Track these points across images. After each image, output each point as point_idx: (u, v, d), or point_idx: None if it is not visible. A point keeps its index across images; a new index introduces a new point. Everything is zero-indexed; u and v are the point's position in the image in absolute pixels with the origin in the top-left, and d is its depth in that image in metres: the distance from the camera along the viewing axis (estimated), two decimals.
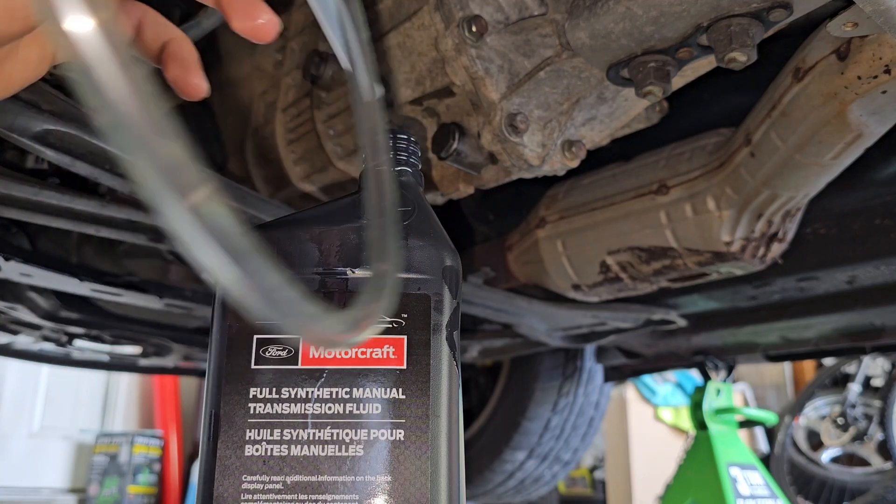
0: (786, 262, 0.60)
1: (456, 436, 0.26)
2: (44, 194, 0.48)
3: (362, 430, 0.25)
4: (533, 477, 1.24)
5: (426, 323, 0.27)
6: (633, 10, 0.37)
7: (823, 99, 0.44)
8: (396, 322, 0.26)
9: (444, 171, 0.51)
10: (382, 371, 0.26)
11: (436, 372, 0.26)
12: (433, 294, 0.27)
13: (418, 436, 0.25)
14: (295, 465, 0.24)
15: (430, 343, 0.26)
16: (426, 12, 0.43)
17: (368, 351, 0.26)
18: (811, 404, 2.51)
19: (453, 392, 0.26)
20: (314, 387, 0.25)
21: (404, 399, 0.25)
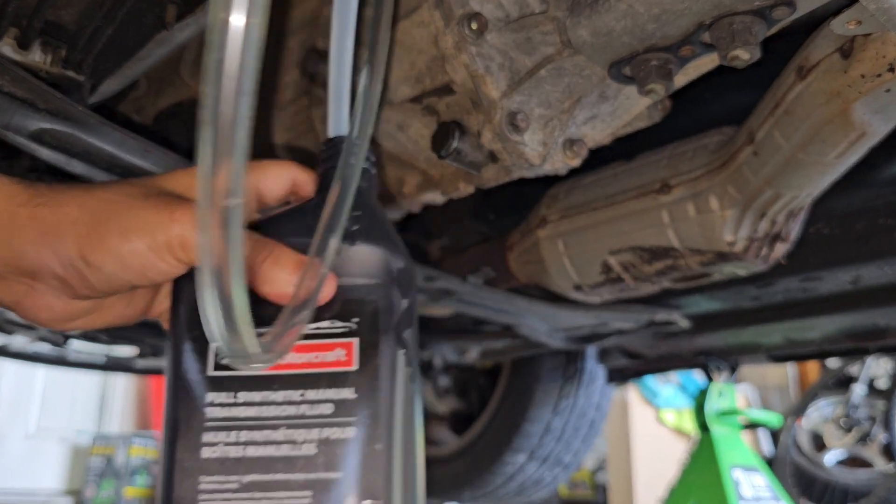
0: (789, 262, 0.60)
1: (410, 432, 0.27)
2: None
3: (314, 430, 0.26)
4: (533, 479, 1.24)
5: (375, 325, 0.28)
6: (635, 7, 0.37)
7: (827, 97, 0.43)
8: (347, 326, 0.28)
9: (444, 170, 0.50)
10: (334, 373, 0.27)
11: (385, 372, 0.27)
12: (382, 297, 0.28)
13: (369, 433, 0.26)
14: (250, 466, 0.26)
15: (379, 345, 0.27)
16: (426, 9, 0.43)
17: (320, 355, 0.27)
18: (814, 406, 2.50)
19: (405, 390, 0.27)
20: (268, 391, 0.26)
21: (355, 399, 0.26)
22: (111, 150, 0.44)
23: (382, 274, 0.29)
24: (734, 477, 0.88)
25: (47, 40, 0.44)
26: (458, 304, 0.75)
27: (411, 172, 0.53)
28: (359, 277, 0.28)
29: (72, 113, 0.41)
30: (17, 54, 0.43)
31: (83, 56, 0.45)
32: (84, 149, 0.44)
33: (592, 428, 1.22)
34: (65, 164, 0.45)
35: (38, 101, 0.40)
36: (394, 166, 0.53)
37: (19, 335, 0.87)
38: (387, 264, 0.29)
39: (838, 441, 2.37)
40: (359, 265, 0.28)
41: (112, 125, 0.42)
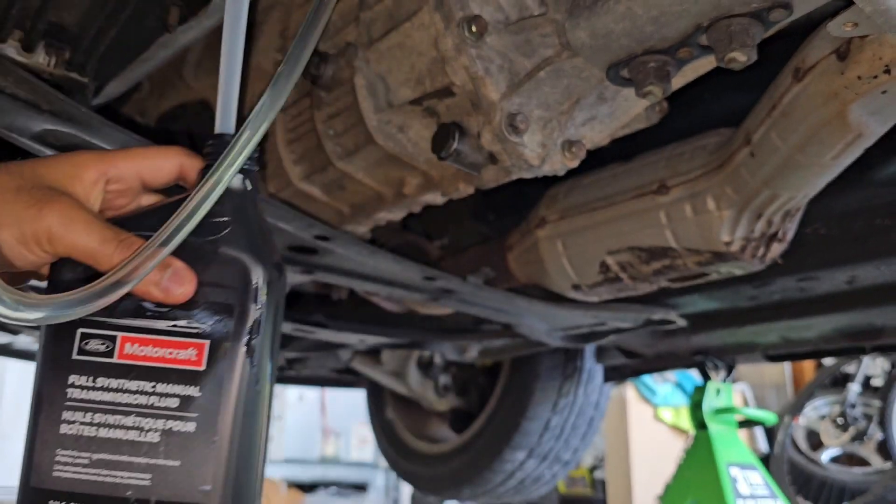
0: (786, 262, 0.60)
1: (249, 429, 0.30)
2: None
3: (160, 421, 0.29)
4: (533, 477, 1.24)
5: (227, 330, 0.30)
6: (634, 9, 0.37)
7: (824, 99, 0.44)
8: (201, 328, 0.30)
9: (444, 171, 0.51)
10: (183, 370, 0.30)
11: (231, 374, 0.30)
12: (237, 304, 0.31)
13: (207, 429, 0.29)
14: (101, 445, 0.29)
15: (228, 348, 0.30)
16: (426, 12, 0.43)
17: (174, 352, 0.30)
18: (811, 404, 2.51)
19: (247, 392, 0.30)
20: (124, 379, 0.30)
21: (199, 396, 0.29)
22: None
23: (241, 282, 0.31)
24: (731, 474, 0.89)
25: (51, 42, 0.44)
26: (458, 304, 0.75)
27: (412, 173, 0.53)
28: (219, 282, 0.30)
29: (75, 114, 0.42)
30: (21, 56, 0.44)
31: (86, 58, 0.45)
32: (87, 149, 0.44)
33: (591, 425, 1.23)
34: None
35: (42, 103, 0.41)
36: (395, 167, 0.53)
37: (24, 334, 0.87)
38: (246, 273, 0.31)
39: (835, 439, 2.39)
40: (220, 270, 0.31)
41: (115, 126, 0.43)
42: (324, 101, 0.52)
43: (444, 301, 0.74)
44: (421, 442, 1.43)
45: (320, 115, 0.53)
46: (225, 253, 0.31)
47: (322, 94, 0.52)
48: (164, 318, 0.30)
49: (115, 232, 0.29)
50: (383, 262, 0.63)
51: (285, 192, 0.60)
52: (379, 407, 1.54)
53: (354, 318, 0.95)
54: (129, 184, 0.32)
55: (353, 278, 0.68)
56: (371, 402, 1.57)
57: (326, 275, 0.67)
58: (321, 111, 0.53)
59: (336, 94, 0.51)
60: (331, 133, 0.53)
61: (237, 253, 0.31)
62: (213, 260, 0.30)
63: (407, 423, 1.48)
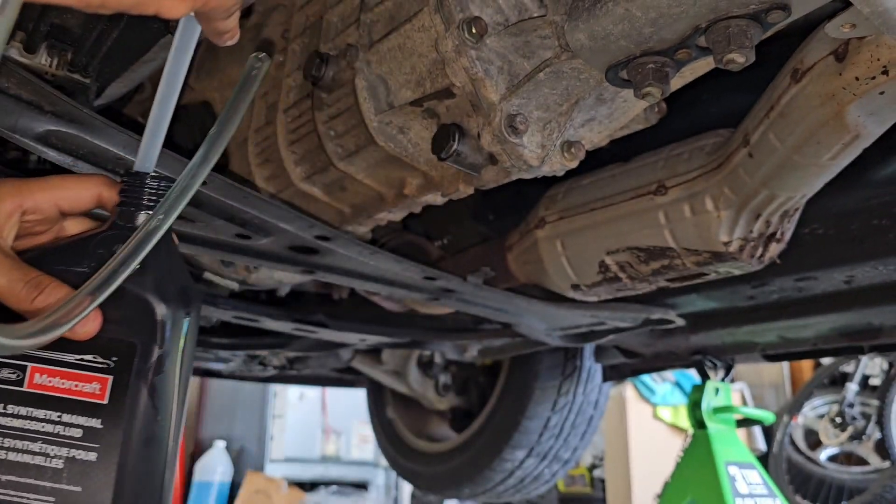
0: (784, 262, 0.60)
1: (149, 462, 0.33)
2: None
3: (64, 449, 0.31)
4: (533, 475, 1.25)
5: (129, 367, 0.32)
6: (632, 11, 0.37)
7: (821, 100, 0.44)
8: (106, 363, 0.32)
9: (444, 172, 0.51)
10: (87, 402, 0.32)
11: (131, 410, 0.32)
12: (140, 343, 0.33)
13: (108, 459, 0.32)
14: (9, 468, 0.31)
15: (129, 385, 0.32)
16: (426, 14, 0.43)
17: (80, 385, 0.32)
18: (809, 403, 2.52)
19: (147, 427, 0.33)
20: (32, 407, 0.32)
21: (101, 428, 0.32)
22: (116, 152, 0.44)
23: (145, 320, 0.33)
24: (730, 473, 0.89)
25: (53, 44, 0.45)
26: (458, 303, 0.75)
27: (412, 174, 0.53)
28: (124, 320, 0.32)
29: (77, 115, 0.42)
30: (24, 57, 0.44)
31: (89, 59, 0.46)
32: (90, 150, 0.45)
33: (590, 424, 1.23)
34: (71, 166, 0.46)
35: (45, 104, 0.41)
36: (395, 168, 0.53)
37: None
38: (150, 312, 0.33)
39: (833, 438, 2.39)
40: (126, 309, 0.32)
41: (117, 127, 0.43)
42: (325, 103, 0.52)
43: (444, 301, 0.74)
44: (421, 441, 1.43)
45: (321, 116, 0.53)
46: (132, 292, 0.32)
47: (323, 96, 0.52)
48: (73, 351, 0.32)
49: (23, 272, 0.30)
50: (384, 262, 0.63)
51: (286, 193, 0.60)
52: (379, 406, 1.54)
53: (355, 318, 0.96)
54: (46, 213, 0.33)
55: (354, 278, 0.68)
56: (371, 401, 1.57)
57: (327, 274, 0.67)
58: (322, 112, 0.53)
59: (337, 96, 0.51)
60: (332, 134, 0.53)
61: (143, 292, 0.32)
62: (120, 298, 0.32)
63: (407, 422, 1.48)
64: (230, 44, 0.32)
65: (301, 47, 0.57)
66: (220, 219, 0.55)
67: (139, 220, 0.34)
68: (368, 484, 2.89)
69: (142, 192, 0.34)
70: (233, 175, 0.64)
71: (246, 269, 0.75)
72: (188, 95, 0.68)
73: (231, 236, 0.59)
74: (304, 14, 0.57)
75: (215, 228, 0.57)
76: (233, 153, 0.65)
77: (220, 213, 0.54)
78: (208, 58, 0.67)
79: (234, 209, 0.53)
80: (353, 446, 2.92)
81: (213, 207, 0.53)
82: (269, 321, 0.92)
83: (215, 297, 0.86)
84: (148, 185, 0.35)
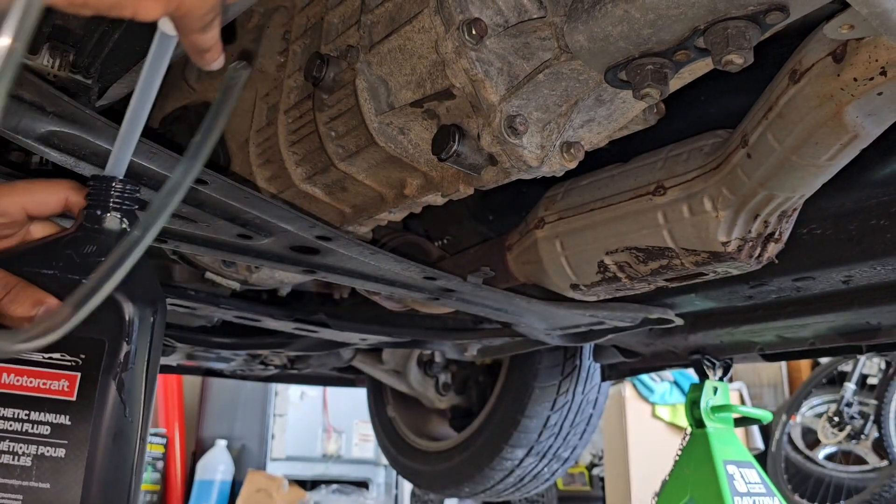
0: (782, 262, 0.61)
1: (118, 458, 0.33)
2: None
3: (32, 446, 0.32)
4: (532, 474, 1.25)
5: (98, 364, 0.33)
6: (631, 13, 0.37)
7: (820, 101, 0.44)
8: (74, 361, 0.33)
9: (444, 172, 0.51)
10: (56, 400, 0.32)
11: (100, 406, 0.32)
12: (109, 340, 0.33)
13: (77, 455, 0.32)
14: None
15: (98, 381, 0.33)
16: (426, 15, 0.44)
17: (48, 383, 0.32)
18: (807, 403, 2.52)
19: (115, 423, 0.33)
20: (1, 406, 0.32)
21: (70, 425, 0.32)
22: None
23: (112, 319, 0.33)
24: (728, 471, 0.90)
25: (55, 45, 0.45)
26: (458, 303, 0.76)
27: (412, 174, 0.54)
28: (92, 319, 0.32)
29: (79, 116, 0.42)
30: (26, 58, 0.44)
31: (91, 60, 0.46)
32: (92, 151, 0.45)
33: (589, 423, 1.24)
34: (73, 166, 0.46)
35: (47, 105, 0.41)
36: (396, 168, 0.54)
37: None
38: (118, 310, 0.33)
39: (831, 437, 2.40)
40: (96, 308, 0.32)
41: (118, 128, 0.43)
42: (325, 103, 0.52)
43: (444, 300, 0.75)
44: (421, 439, 1.44)
45: (322, 116, 0.53)
46: None
47: (324, 97, 0.52)
48: (41, 349, 0.31)
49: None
50: (384, 261, 0.64)
51: (287, 193, 0.61)
52: (380, 405, 1.54)
53: (356, 318, 0.96)
54: (13, 217, 0.34)
55: (355, 278, 0.69)
56: (372, 400, 1.58)
57: (328, 274, 0.67)
58: (323, 113, 0.53)
59: (337, 97, 0.51)
60: (332, 135, 0.53)
61: (114, 294, 0.32)
62: None
63: (408, 421, 1.48)
64: (215, 67, 0.32)
65: (302, 48, 0.57)
66: (222, 219, 0.55)
67: (106, 222, 0.35)
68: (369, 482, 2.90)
69: (109, 196, 0.35)
70: (234, 176, 0.64)
71: (247, 269, 0.76)
72: (189, 96, 0.69)
73: (232, 236, 0.59)
74: (304, 15, 0.57)
75: (217, 228, 0.57)
76: (234, 154, 0.65)
77: (221, 213, 0.54)
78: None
79: (235, 209, 0.53)
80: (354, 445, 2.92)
81: (214, 208, 0.53)
82: (270, 321, 0.93)
83: (217, 296, 0.87)
84: (115, 189, 0.35)
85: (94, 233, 0.34)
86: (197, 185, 0.48)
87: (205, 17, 0.30)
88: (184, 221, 0.56)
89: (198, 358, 1.20)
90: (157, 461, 2.65)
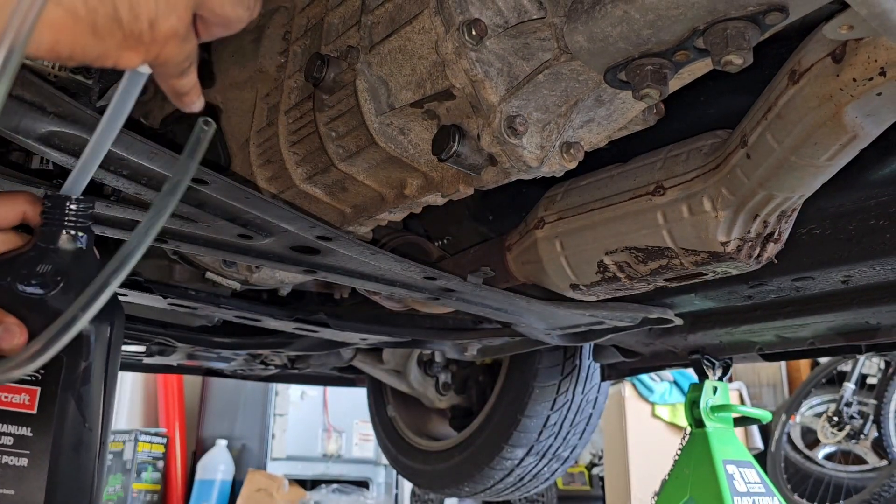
0: (781, 262, 0.61)
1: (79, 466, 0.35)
2: None
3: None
4: (532, 473, 1.25)
5: (56, 379, 0.35)
6: (631, 13, 0.38)
7: (819, 101, 0.44)
8: (35, 376, 0.35)
9: (444, 173, 0.51)
10: (18, 413, 0.34)
11: (60, 419, 0.35)
12: (67, 356, 0.35)
13: (39, 464, 0.34)
14: None
15: (57, 395, 0.35)
16: (426, 16, 0.44)
17: (10, 396, 0.35)
18: (807, 402, 2.52)
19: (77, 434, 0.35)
20: None
21: (31, 436, 0.34)
22: (119, 153, 0.45)
23: None
24: (728, 471, 0.90)
25: None
26: (458, 303, 0.76)
27: (413, 174, 0.54)
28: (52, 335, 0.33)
29: (80, 116, 0.42)
30: (26, 58, 0.44)
31: None
32: None
33: (589, 423, 1.24)
34: (73, 167, 0.46)
35: (47, 105, 0.41)
36: (396, 168, 0.54)
37: None
38: None
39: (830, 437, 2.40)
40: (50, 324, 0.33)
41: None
42: (326, 104, 0.52)
43: (444, 300, 0.75)
44: (421, 439, 1.44)
45: (322, 117, 0.53)
46: (55, 308, 0.34)
47: (324, 97, 0.52)
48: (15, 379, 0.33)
49: None
50: (384, 261, 0.64)
51: (288, 194, 0.61)
52: (380, 404, 1.54)
53: (356, 317, 0.96)
54: None
55: (355, 278, 0.69)
56: (372, 400, 1.58)
57: (329, 274, 0.67)
58: (323, 113, 0.53)
59: (338, 97, 0.52)
60: (333, 135, 0.53)
61: (66, 308, 0.34)
62: (44, 314, 0.33)
63: (408, 421, 1.49)
64: (196, 109, 0.35)
65: (302, 49, 0.57)
66: (223, 219, 0.55)
67: (60, 241, 0.36)
68: (369, 482, 2.90)
69: (63, 215, 0.36)
70: (235, 176, 0.64)
71: (248, 269, 0.76)
72: None
73: (233, 236, 0.59)
74: (305, 16, 0.57)
75: (217, 229, 0.57)
76: (235, 154, 0.65)
77: (222, 213, 0.54)
78: (211, 62, 0.67)
79: (236, 209, 0.53)
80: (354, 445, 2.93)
81: (215, 208, 0.53)
82: (270, 321, 0.93)
83: (217, 296, 0.87)
84: (69, 209, 0.36)
85: (49, 252, 0.36)
86: (197, 185, 0.48)
87: (182, 63, 0.31)
88: (184, 221, 0.56)
89: (198, 357, 1.20)
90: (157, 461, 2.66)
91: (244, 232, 0.58)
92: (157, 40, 0.29)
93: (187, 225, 0.57)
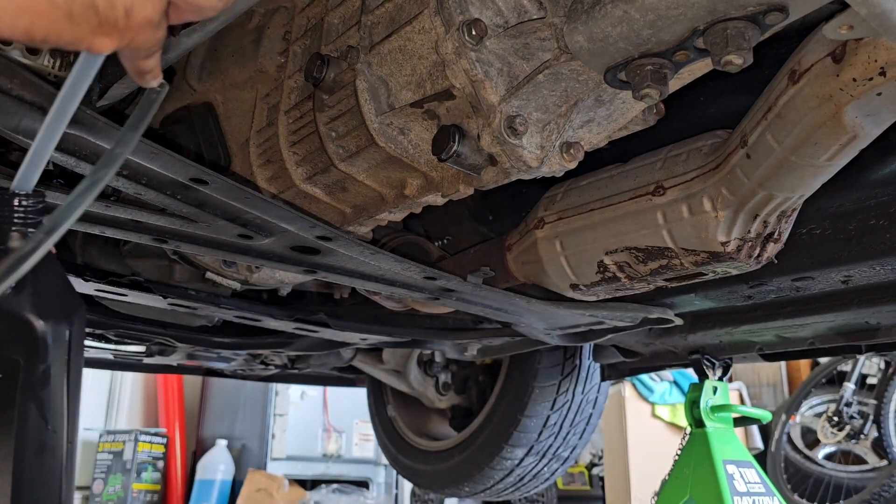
0: (781, 261, 0.61)
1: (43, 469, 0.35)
2: (49, 195, 0.48)
3: None
4: (532, 473, 1.25)
5: (15, 384, 0.34)
6: (631, 13, 0.38)
7: (819, 101, 0.44)
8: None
9: (444, 173, 0.51)
10: None
11: (21, 423, 0.34)
12: (24, 360, 0.34)
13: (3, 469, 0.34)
14: None
15: (17, 400, 0.34)
16: (426, 16, 0.44)
17: None
18: (807, 402, 2.52)
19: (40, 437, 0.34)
20: None
21: None
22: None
23: (27, 338, 0.34)
24: (728, 471, 0.90)
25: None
26: (458, 303, 0.76)
27: (413, 174, 0.54)
28: (7, 339, 0.33)
29: (80, 116, 0.42)
30: (26, 58, 0.44)
31: None
32: (92, 151, 0.45)
33: (589, 423, 1.24)
34: (73, 166, 0.46)
35: (47, 105, 0.41)
36: (396, 168, 0.54)
37: None
38: (31, 330, 0.34)
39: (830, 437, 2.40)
40: (8, 328, 0.33)
41: (119, 128, 0.43)
42: (326, 104, 0.52)
43: (444, 300, 0.75)
44: (421, 439, 1.44)
45: (322, 117, 0.53)
46: (13, 312, 0.34)
47: (324, 97, 0.52)
48: None
49: None
50: (384, 261, 0.64)
51: (288, 194, 0.61)
52: (380, 404, 1.55)
53: (356, 317, 0.96)
54: None
55: (355, 278, 0.69)
56: (372, 400, 1.58)
57: (329, 274, 0.67)
58: (323, 113, 0.53)
59: (338, 97, 0.52)
60: (333, 135, 0.53)
61: (21, 311, 0.34)
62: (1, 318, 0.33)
63: (408, 421, 1.49)
64: (154, 84, 0.34)
65: (302, 49, 0.57)
66: (223, 219, 0.55)
67: (10, 239, 0.35)
68: (369, 482, 2.91)
69: (11, 212, 0.36)
70: (235, 176, 0.64)
71: (248, 269, 0.76)
72: (190, 96, 0.69)
73: (233, 236, 0.59)
74: (305, 16, 0.57)
75: (217, 229, 0.57)
76: (235, 154, 0.65)
77: (222, 213, 0.54)
78: (210, 59, 0.68)
79: (236, 209, 0.53)
80: (354, 444, 2.93)
81: (215, 208, 0.53)
82: (270, 321, 0.93)
83: (218, 296, 0.87)
84: (17, 207, 0.36)
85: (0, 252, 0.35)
86: (197, 185, 0.48)
87: (151, 48, 0.32)
88: (184, 221, 0.56)
89: (198, 357, 1.20)
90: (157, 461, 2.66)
91: (244, 232, 0.58)
92: (131, 28, 0.29)
93: (187, 225, 0.57)
